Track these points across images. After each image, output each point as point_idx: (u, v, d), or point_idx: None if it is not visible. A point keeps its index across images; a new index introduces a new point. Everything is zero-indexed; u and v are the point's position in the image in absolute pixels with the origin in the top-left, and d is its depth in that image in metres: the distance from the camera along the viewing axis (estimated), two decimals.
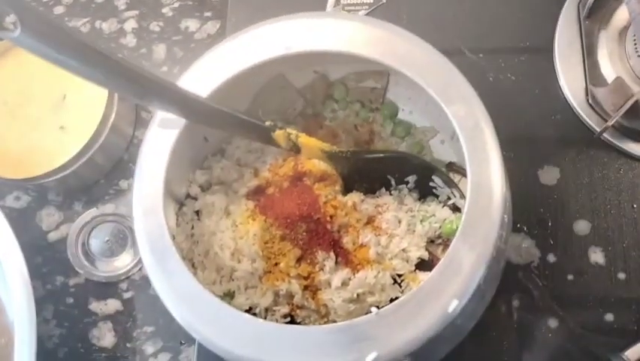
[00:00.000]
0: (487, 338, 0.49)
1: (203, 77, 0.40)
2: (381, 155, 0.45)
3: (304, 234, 0.42)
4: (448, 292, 0.34)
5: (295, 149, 0.41)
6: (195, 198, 0.46)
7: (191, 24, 0.64)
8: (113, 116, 0.58)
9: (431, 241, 0.45)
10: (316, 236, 0.42)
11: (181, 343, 0.55)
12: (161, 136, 0.41)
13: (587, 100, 0.53)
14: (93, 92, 0.57)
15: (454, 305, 0.33)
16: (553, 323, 0.49)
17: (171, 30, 0.64)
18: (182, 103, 0.37)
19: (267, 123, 0.40)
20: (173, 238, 0.40)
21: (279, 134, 0.40)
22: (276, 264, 0.42)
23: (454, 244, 0.35)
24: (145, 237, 0.38)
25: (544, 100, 0.55)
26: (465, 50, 0.57)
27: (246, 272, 0.43)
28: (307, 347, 0.34)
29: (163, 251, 0.37)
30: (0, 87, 0.59)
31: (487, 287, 0.38)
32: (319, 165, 0.44)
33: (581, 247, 0.51)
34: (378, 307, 0.40)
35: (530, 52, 0.56)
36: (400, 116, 0.49)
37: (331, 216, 0.43)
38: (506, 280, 0.47)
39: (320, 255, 0.42)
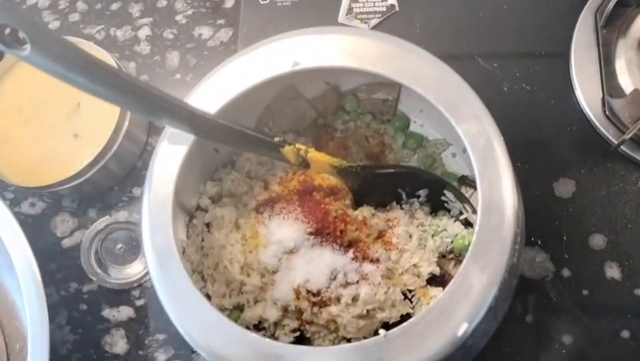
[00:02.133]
0: (499, 355, 0.48)
1: (214, 93, 0.40)
2: (392, 170, 0.44)
3: None
4: (458, 314, 0.33)
5: (304, 164, 0.41)
6: (205, 210, 0.46)
7: (205, 31, 0.64)
8: (127, 123, 0.58)
9: (442, 256, 0.44)
10: None
11: (192, 351, 0.55)
12: (172, 149, 0.41)
13: (604, 111, 0.52)
14: None
15: (463, 329, 0.33)
16: (567, 339, 0.48)
17: (185, 37, 0.64)
18: (191, 120, 0.37)
19: (276, 139, 0.40)
20: (183, 251, 0.40)
21: (288, 150, 0.40)
22: None
23: (464, 264, 0.34)
24: (152, 250, 0.38)
25: (560, 111, 0.54)
26: (479, 59, 0.56)
27: (255, 286, 0.42)
28: None
29: (170, 266, 0.37)
30: (15, 95, 0.60)
31: (499, 306, 0.37)
32: (329, 180, 0.44)
33: (597, 261, 0.50)
34: (387, 325, 0.40)
35: (546, 61, 0.55)
36: (412, 128, 0.49)
37: (341, 231, 0.42)
38: (519, 295, 0.46)
39: None
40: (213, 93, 0.40)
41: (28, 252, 0.51)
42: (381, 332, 0.34)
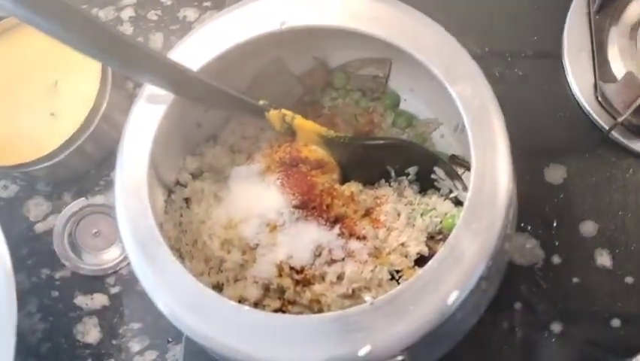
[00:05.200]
0: (487, 341, 0.46)
1: (196, 51, 0.38)
2: (381, 142, 0.43)
3: None
4: (449, 282, 0.31)
5: (290, 132, 0.39)
6: (185, 186, 0.44)
7: (190, 13, 0.63)
8: (105, 105, 0.56)
9: (431, 238, 0.43)
10: None
11: (168, 341, 0.53)
12: (148, 114, 0.39)
13: (596, 97, 0.51)
14: (85, 80, 0.56)
15: (454, 297, 0.31)
16: (556, 327, 0.47)
17: (169, 19, 0.63)
18: (172, 76, 0.35)
19: (261, 102, 0.38)
20: (161, 225, 0.38)
21: (273, 115, 0.38)
22: None
23: (455, 231, 0.33)
24: (126, 218, 0.36)
25: (552, 96, 0.53)
26: (470, 44, 0.54)
27: (235, 264, 0.41)
28: (297, 338, 0.31)
29: (146, 234, 0.35)
30: None
31: (490, 283, 0.35)
32: (316, 153, 0.42)
33: (587, 248, 0.49)
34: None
35: (538, 47, 0.54)
36: (402, 107, 0.47)
37: (327, 206, 0.40)
38: (508, 281, 0.45)
39: None
40: (193, 54, 0.38)
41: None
42: (367, 299, 0.32)
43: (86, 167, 0.58)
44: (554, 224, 0.49)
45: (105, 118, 0.56)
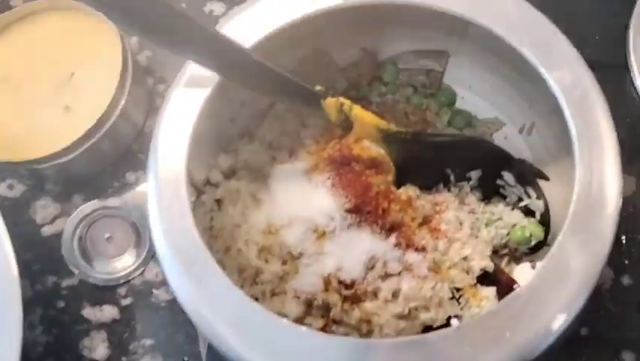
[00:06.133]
0: None
1: (242, 32, 0.34)
2: (449, 138, 0.38)
3: None
4: (553, 303, 0.26)
5: (346, 124, 0.35)
6: (216, 186, 0.39)
7: (217, 8, 0.59)
8: (124, 100, 0.52)
9: (494, 252, 0.38)
10: None
11: (184, 360, 0.48)
12: (185, 103, 0.34)
13: None
14: (104, 73, 0.52)
15: (560, 321, 0.26)
16: (628, 356, 0.42)
17: (195, 13, 0.59)
18: (223, 53, 0.30)
19: (318, 88, 0.33)
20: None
21: (330, 103, 0.34)
22: None
23: (559, 241, 0.28)
24: (160, 218, 0.31)
25: (616, 100, 0.47)
26: None
27: (274, 275, 0.36)
28: None
29: (183, 237, 0.30)
30: (1, 62, 0.53)
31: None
32: (369, 150, 0.37)
33: None
34: (430, 329, 0.32)
35: (601, 46, 0.50)
36: (458, 105, 0.43)
37: (384, 211, 0.36)
38: None
39: None
40: (239, 35, 0.33)
41: (5, 238, 0.44)
42: (454, 322, 0.27)
43: (99, 166, 0.54)
44: (623, 241, 0.45)
45: (123, 114, 0.52)
